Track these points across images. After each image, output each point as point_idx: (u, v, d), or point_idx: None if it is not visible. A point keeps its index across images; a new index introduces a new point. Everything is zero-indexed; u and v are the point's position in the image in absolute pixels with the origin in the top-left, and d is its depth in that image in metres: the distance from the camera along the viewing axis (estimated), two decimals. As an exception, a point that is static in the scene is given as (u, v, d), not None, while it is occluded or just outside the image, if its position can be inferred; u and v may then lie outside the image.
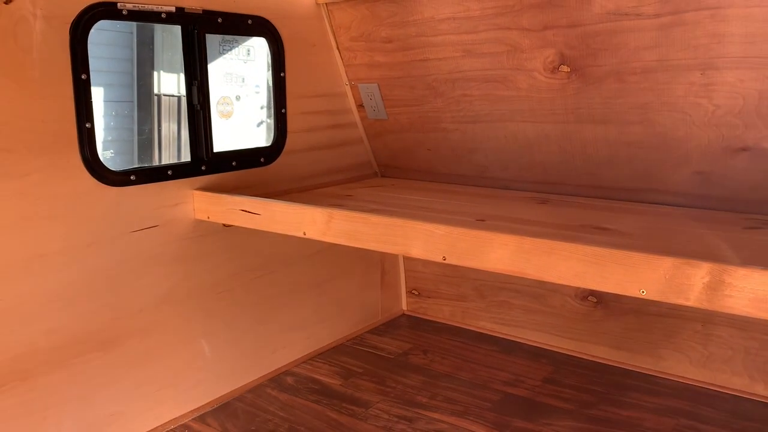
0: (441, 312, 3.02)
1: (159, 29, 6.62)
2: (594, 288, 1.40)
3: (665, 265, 1.29)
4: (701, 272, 1.24)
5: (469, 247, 1.56)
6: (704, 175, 2.04)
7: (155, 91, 7.19)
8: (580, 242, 1.40)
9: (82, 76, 1.75)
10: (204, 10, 2.05)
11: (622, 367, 2.50)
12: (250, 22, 2.20)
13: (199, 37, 2.05)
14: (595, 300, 2.54)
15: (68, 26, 1.71)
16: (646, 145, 2.07)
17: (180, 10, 1.98)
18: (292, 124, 2.40)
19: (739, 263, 1.22)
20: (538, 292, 2.69)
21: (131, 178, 1.92)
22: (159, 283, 2.03)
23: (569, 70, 2.07)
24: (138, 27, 6.70)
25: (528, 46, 2.11)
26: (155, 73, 7.13)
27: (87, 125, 1.78)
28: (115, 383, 1.94)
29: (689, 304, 1.27)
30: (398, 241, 1.67)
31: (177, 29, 2.01)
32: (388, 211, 1.90)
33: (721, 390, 2.30)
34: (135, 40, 6.96)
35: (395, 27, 2.34)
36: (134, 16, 1.85)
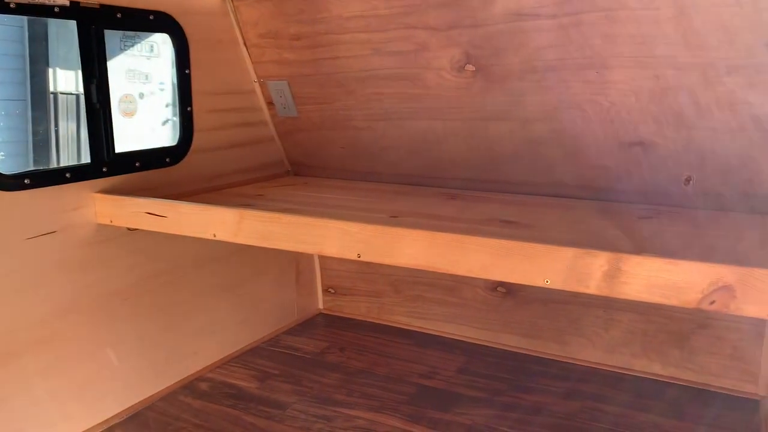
0: (357, 309, 3.03)
1: (53, 23, 6.27)
2: (502, 279, 1.45)
3: (567, 255, 1.35)
4: (600, 261, 1.31)
5: (383, 244, 1.57)
6: (602, 169, 2.15)
7: (51, 89, 6.80)
8: (487, 236, 1.45)
9: (-34, 74, 1.63)
10: (101, 5, 1.96)
11: (531, 354, 2.60)
12: (151, 17, 2.12)
13: (97, 34, 1.96)
14: (504, 290, 2.63)
15: (-52, 20, 1.59)
16: (548, 141, 2.16)
17: (75, 4, 1.89)
18: (198, 122, 2.34)
19: (633, 251, 1.30)
20: (451, 285, 2.76)
21: (25, 181, 1.81)
22: (60, 291, 1.93)
23: (474, 69, 2.13)
24: (29, 20, 6.31)
25: (435, 45, 2.15)
26: (50, 70, 6.75)
27: (-27, 126, 1.66)
28: (14, 398, 1.82)
29: (590, 291, 1.33)
30: (312, 240, 1.67)
31: (73, 24, 1.91)
32: (301, 210, 1.89)
33: (623, 372, 2.44)
34: (26, 34, 6.55)
35: (303, 24, 2.32)
36: (24, 10, 1.74)
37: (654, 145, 2.01)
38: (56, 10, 1.84)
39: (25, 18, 6.27)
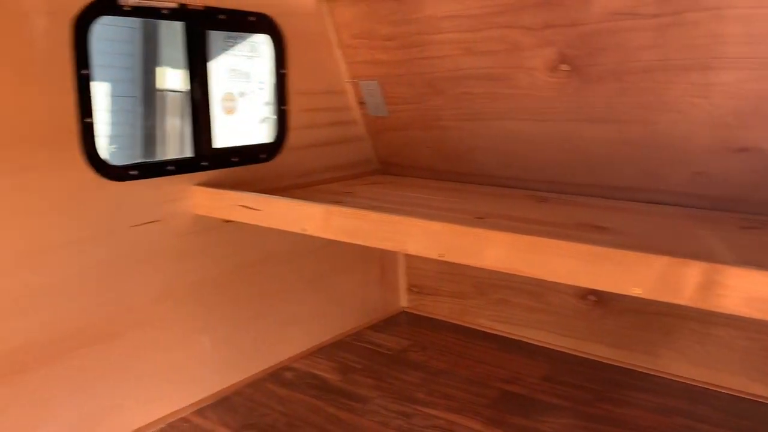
0: (440, 309, 3.03)
1: (162, 25, 6.64)
2: (589, 286, 1.40)
3: (659, 263, 1.30)
4: (694, 271, 1.25)
5: (466, 244, 1.56)
6: (703, 175, 2.04)
7: (158, 86, 7.20)
8: (575, 240, 1.41)
9: (83, 72, 1.76)
10: (206, 7, 2.06)
11: (620, 365, 2.51)
12: (252, 19, 2.21)
13: (201, 34, 2.06)
14: (595, 299, 2.54)
15: (71, 22, 1.72)
16: (645, 144, 2.08)
17: (182, 6, 1.99)
18: (293, 120, 2.42)
19: (732, 263, 1.23)
20: (537, 291, 2.70)
21: (132, 172, 1.93)
22: (158, 277, 2.05)
23: (569, 69, 2.08)
24: (142, 22, 6.71)
25: (528, 45, 2.11)
26: (159, 69, 7.15)
27: (87, 120, 1.79)
28: (113, 376, 1.96)
29: (683, 302, 1.27)
30: (395, 237, 1.68)
31: (179, 25, 2.02)
32: (387, 208, 1.91)
33: (718, 389, 2.31)
34: (139, 35, 6.98)
35: (396, 25, 2.34)
36: (136, 12, 1.86)
37: (761, 152, 1.89)
38: (165, 12, 1.95)
39: (138, 21, 6.69)
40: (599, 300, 2.53)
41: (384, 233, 1.71)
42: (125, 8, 1.84)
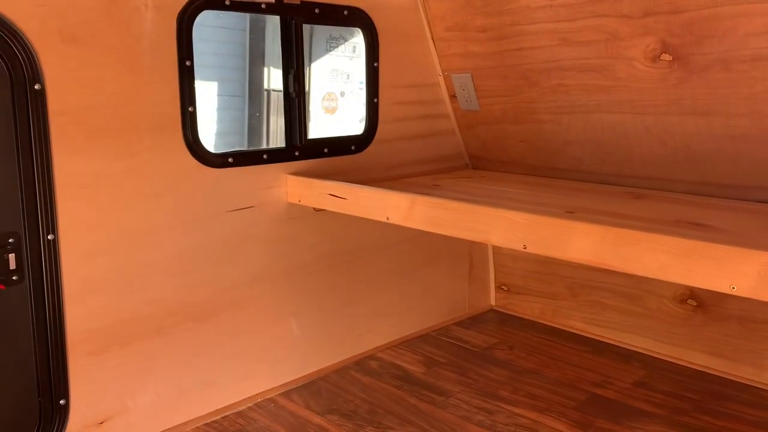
0: (531, 309, 2.96)
1: (270, 26, 6.91)
2: (681, 281, 1.33)
3: (759, 260, 1.21)
4: (799, 269, 1.15)
5: (550, 235, 1.53)
6: (821, 173, 1.88)
7: (265, 86, 7.49)
8: (666, 234, 1.34)
9: (187, 63, 1.87)
10: (302, 1, 2.13)
11: (722, 375, 2.35)
12: (346, 12, 2.26)
13: (297, 28, 2.13)
14: (695, 303, 2.40)
15: (175, 16, 1.84)
16: (754, 139, 1.94)
17: (279, 1, 2.07)
18: (384, 113, 2.45)
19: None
20: (634, 293, 2.58)
21: (229, 160, 2.03)
22: (253, 261, 2.13)
23: (671, 58, 1.97)
24: (251, 24, 7.00)
25: (627, 34, 2.02)
26: (265, 69, 7.43)
27: (190, 109, 1.90)
28: (208, 353, 2.06)
29: (785, 302, 1.18)
30: (478, 228, 1.67)
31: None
32: (470, 199, 1.89)
33: (834, 408, 2.12)
34: (247, 38, 7.29)
35: (490, 16, 2.32)
36: (236, 6, 1.95)
37: None
38: (263, 6, 2.04)
39: (247, 22, 6.99)
40: (700, 305, 2.38)
41: (467, 223, 1.69)
42: (226, 3, 1.93)
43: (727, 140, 2.00)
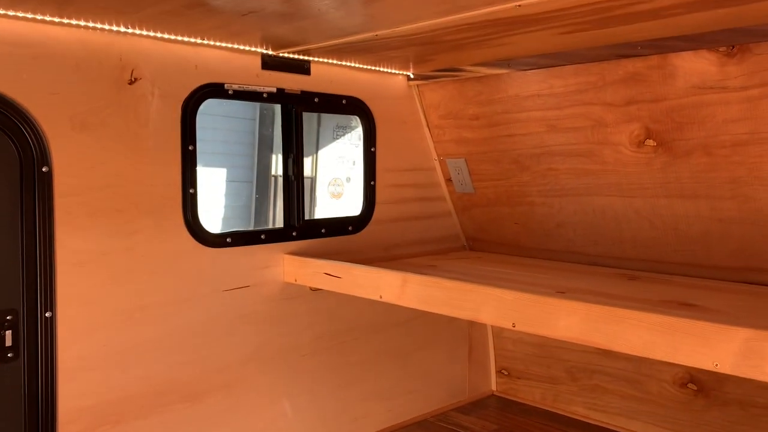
0: (531, 394, 2.92)
1: (278, 114, 7.18)
2: (665, 359, 1.33)
3: (741, 336, 1.22)
4: (778, 344, 1.16)
5: (538, 314, 1.55)
6: (808, 254, 1.91)
7: (272, 172, 7.68)
8: (649, 311, 1.36)
9: (189, 147, 1.96)
10: (302, 91, 2.25)
11: (727, 463, 2.29)
12: (344, 102, 2.37)
13: (297, 115, 2.24)
14: (696, 388, 2.37)
15: (180, 103, 1.94)
16: (741, 221, 1.98)
17: (280, 90, 2.19)
18: (380, 195, 2.52)
19: (821, 337, 1.14)
20: (634, 377, 2.55)
21: (227, 240, 2.08)
22: (247, 341, 2.14)
23: (655, 144, 2.05)
24: (260, 113, 7.26)
25: (612, 121, 2.11)
26: (273, 156, 7.64)
27: (191, 191, 1.97)
28: (199, 435, 2.04)
29: (766, 379, 1.18)
30: (469, 306, 1.69)
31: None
32: (464, 279, 1.92)
33: (844, 498, 2.04)
34: (257, 125, 7.55)
35: (482, 105, 2.43)
36: (239, 95, 2.07)
37: None
38: (265, 95, 2.15)
39: (257, 111, 7.26)
40: (700, 389, 2.35)
41: (458, 301, 1.72)
42: (229, 92, 2.05)
43: (715, 223, 2.04)
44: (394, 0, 1.51)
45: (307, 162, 8.13)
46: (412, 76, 2.56)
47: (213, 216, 7.61)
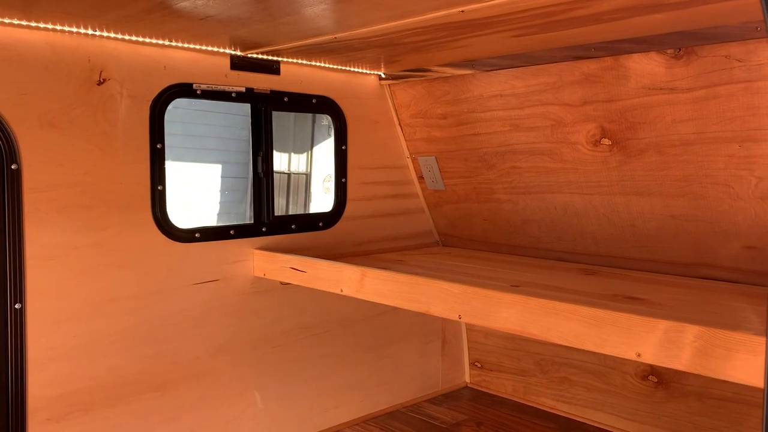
0: (503, 386, 2.99)
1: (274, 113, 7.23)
2: (594, 350, 1.40)
3: (660, 327, 1.29)
4: (690, 336, 1.23)
5: (481, 306, 1.61)
6: (755, 250, 1.97)
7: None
8: (582, 304, 1.42)
9: (158, 146, 2.03)
10: (272, 90, 2.31)
11: (683, 453, 2.35)
12: (314, 101, 2.44)
13: (266, 114, 2.30)
14: (656, 380, 2.43)
15: (149, 104, 2.01)
16: (692, 217, 2.04)
17: (249, 90, 2.25)
18: (352, 192, 2.58)
19: (732, 327, 1.20)
20: (599, 369, 2.62)
21: (196, 235, 2.15)
22: (216, 333, 2.21)
23: (611, 143, 2.11)
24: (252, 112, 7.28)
25: (570, 120, 2.17)
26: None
27: (159, 188, 2.04)
28: (169, 423, 2.11)
29: (681, 368, 1.25)
30: (420, 299, 1.76)
31: (289, 114, 2.29)
32: (418, 273, 1.98)
33: (793, 487, 2.11)
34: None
35: (449, 104, 2.49)
36: (207, 95, 2.13)
37: (813, 225, 1.81)
38: (234, 95, 2.22)
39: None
40: (660, 381, 2.41)
41: (411, 295, 1.78)
42: (197, 92, 2.11)
43: (668, 219, 2.11)
44: (346, 6, 1.58)
45: (302, 159, 8.21)
46: (383, 76, 2.63)
47: (208, 210, 7.71)
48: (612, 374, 2.58)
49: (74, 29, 1.82)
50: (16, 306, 1.79)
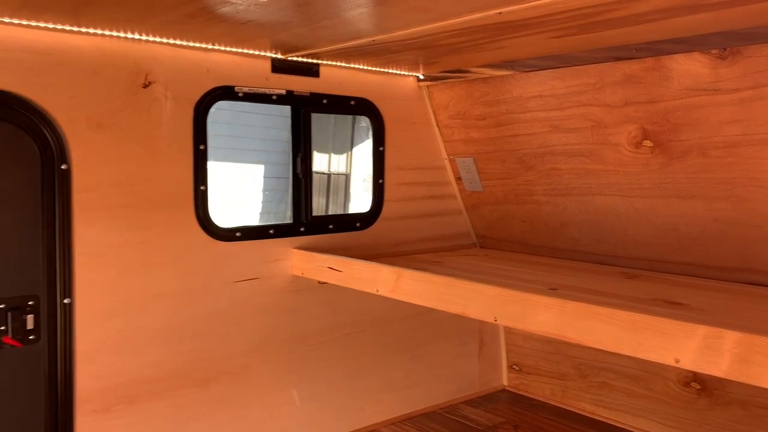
0: (542, 389, 2.96)
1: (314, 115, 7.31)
2: (630, 354, 1.38)
3: (700, 333, 1.27)
4: (729, 342, 1.20)
5: (518, 309, 1.61)
6: (803, 255, 1.91)
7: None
8: (620, 308, 1.41)
9: (201, 147, 2.08)
10: (311, 93, 2.34)
11: (727, 463, 2.30)
12: (352, 103, 2.46)
13: (305, 116, 2.34)
14: (699, 387, 2.38)
15: (192, 105, 2.06)
16: (736, 221, 1.99)
17: (290, 92, 2.29)
18: (389, 193, 2.60)
19: (773, 335, 1.17)
20: (639, 374, 2.58)
21: (237, 234, 2.19)
22: (256, 330, 2.26)
23: (652, 145, 2.07)
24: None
25: (611, 122, 2.15)
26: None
27: (202, 188, 2.09)
28: (208, 418, 2.16)
29: (720, 375, 1.22)
30: (456, 300, 1.76)
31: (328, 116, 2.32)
32: (455, 275, 1.98)
33: (842, 501, 2.04)
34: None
35: (488, 105, 2.48)
36: (249, 97, 2.17)
37: None
38: (274, 97, 2.26)
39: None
40: (703, 388, 2.36)
41: (447, 296, 1.79)
42: (239, 94, 2.16)
43: (712, 223, 2.06)
44: (384, 9, 1.59)
45: (342, 159, 8.28)
46: (421, 77, 2.63)
47: (251, 210, 7.84)
48: (653, 380, 2.53)
49: (121, 34, 1.88)
50: (66, 301, 1.86)
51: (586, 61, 2.10)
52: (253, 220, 7.58)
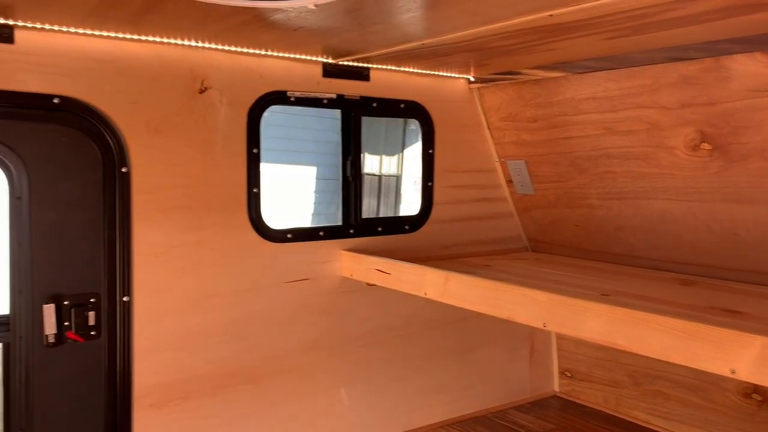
0: (594, 397, 2.91)
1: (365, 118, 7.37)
2: (683, 363, 1.35)
3: (758, 343, 1.22)
4: (789, 353, 1.16)
5: (567, 315, 1.59)
6: None
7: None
8: (673, 316, 1.37)
9: (254, 150, 2.13)
10: (362, 97, 2.37)
11: (789, 478, 2.20)
12: (402, 106, 2.47)
13: (356, 119, 2.36)
14: (760, 398, 2.29)
15: (246, 110, 2.11)
16: (801, 227, 1.91)
17: (340, 96, 2.32)
18: (439, 195, 2.60)
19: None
20: (696, 384, 2.50)
21: (288, 236, 2.24)
22: (306, 330, 2.29)
23: (711, 147, 2.01)
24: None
25: (667, 124, 2.09)
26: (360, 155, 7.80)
27: (255, 190, 2.14)
28: (260, 415, 2.21)
29: (779, 387, 1.18)
30: (504, 305, 1.75)
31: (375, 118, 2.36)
32: (504, 280, 1.97)
33: None
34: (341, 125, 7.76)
35: (540, 107, 2.45)
36: (301, 102, 2.21)
37: None
38: (325, 101, 2.29)
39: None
40: (764, 400, 2.27)
41: (495, 301, 1.78)
42: (291, 99, 2.20)
43: (774, 228, 1.98)
44: (433, 13, 1.60)
45: (393, 161, 8.30)
46: (472, 80, 2.62)
47: (303, 211, 7.95)
48: (711, 390, 2.45)
49: (179, 41, 1.94)
50: (125, 299, 1.93)
51: (641, 63, 2.05)
52: (305, 220, 7.69)
